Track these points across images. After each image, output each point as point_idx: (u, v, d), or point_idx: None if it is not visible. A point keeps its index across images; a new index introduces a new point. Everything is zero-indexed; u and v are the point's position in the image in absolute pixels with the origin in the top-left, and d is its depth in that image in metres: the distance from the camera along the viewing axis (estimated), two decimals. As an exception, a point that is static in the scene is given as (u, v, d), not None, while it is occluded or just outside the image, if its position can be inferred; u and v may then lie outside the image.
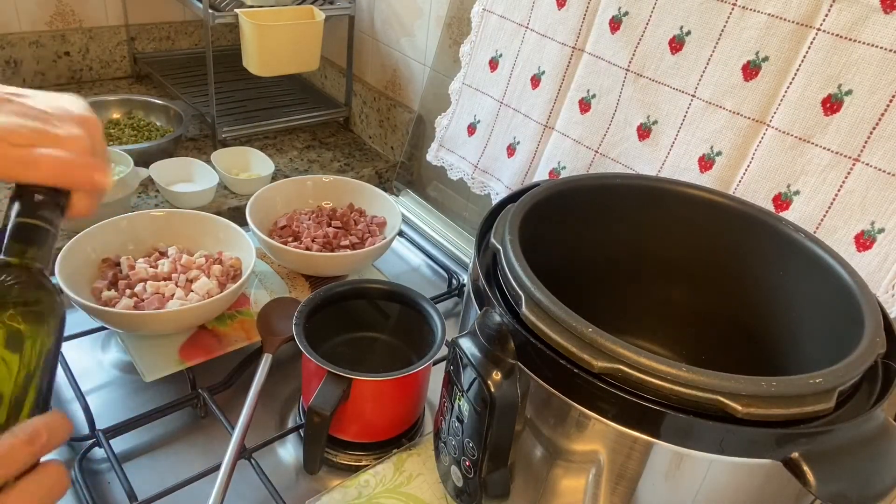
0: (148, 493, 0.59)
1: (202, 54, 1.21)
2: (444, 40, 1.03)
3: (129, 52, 1.38)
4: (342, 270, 0.87)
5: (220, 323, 0.76)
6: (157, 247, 0.81)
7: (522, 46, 0.84)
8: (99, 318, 0.70)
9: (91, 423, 0.65)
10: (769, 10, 0.61)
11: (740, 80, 0.64)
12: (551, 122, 0.82)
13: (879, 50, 0.55)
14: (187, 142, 1.18)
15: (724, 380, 0.38)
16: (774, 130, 0.62)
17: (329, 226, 0.88)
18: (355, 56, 1.24)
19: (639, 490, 0.43)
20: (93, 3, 1.30)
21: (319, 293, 0.69)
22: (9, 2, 1.22)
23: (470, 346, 0.45)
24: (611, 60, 0.75)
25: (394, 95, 1.21)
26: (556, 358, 0.41)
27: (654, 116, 0.72)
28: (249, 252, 0.78)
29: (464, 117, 0.95)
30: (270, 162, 1.07)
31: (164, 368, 0.70)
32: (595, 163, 0.79)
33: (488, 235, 0.53)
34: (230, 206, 1.02)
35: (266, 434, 0.68)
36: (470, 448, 0.48)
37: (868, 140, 0.57)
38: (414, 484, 0.62)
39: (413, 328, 0.70)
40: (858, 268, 0.51)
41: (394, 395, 0.64)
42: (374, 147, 1.26)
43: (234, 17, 1.07)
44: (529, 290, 0.44)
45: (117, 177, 0.92)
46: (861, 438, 0.40)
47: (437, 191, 1.08)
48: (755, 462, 0.40)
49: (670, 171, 0.71)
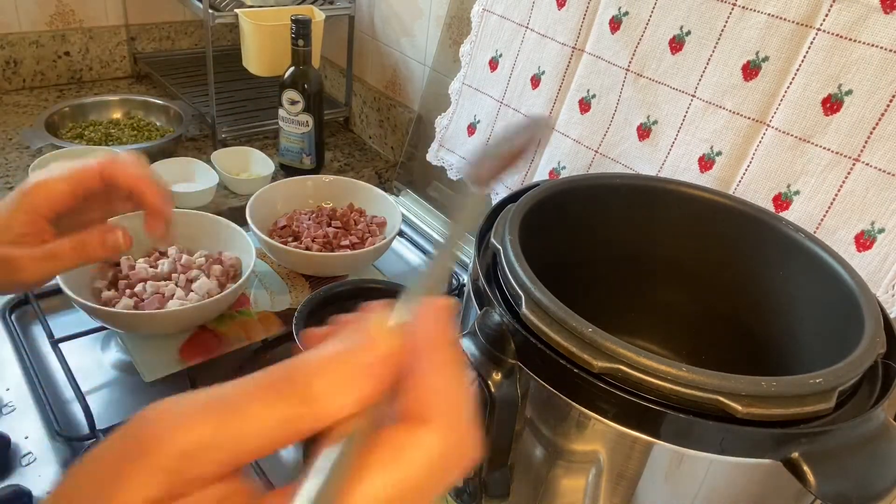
0: (148, 493, 0.58)
1: (202, 54, 1.21)
2: (444, 40, 1.03)
3: (129, 52, 1.38)
4: (342, 270, 0.87)
5: (220, 323, 0.76)
6: (157, 247, 0.81)
7: (522, 46, 0.84)
8: (99, 318, 0.70)
9: (91, 423, 0.65)
10: (769, 10, 0.61)
11: (740, 80, 0.64)
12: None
13: (879, 50, 0.55)
14: (187, 142, 1.18)
15: (724, 380, 0.38)
16: (774, 130, 0.62)
17: (329, 226, 0.88)
18: (355, 56, 1.24)
19: (639, 490, 0.43)
20: (93, 3, 1.30)
21: (319, 293, 0.69)
22: (9, 2, 1.22)
23: (470, 346, 0.45)
24: (611, 60, 0.75)
25: (394, 95, 1.21)
26: (556, 358, 0.41)
27: (654, 116, 0.72)
28: (249, 252, 0.78)
29: (464, 117, 0.95)
30: (270, 162, 1.07)
31: (164, 368, 0.70)
32: (595, 163, 0.79)
33: (488, 235, 0.53)
34: (230, 206, 1.02)
35: (266, 434, 0.67)
36: (470, 448, 0.48)
37: (868, 140, 0.57)
38: (414, 484, 0.62)
39: (413, 328, 0.70)
40: (858, 268, 0.51)
41: (394, 395, 0.64)
42: (374, 147, 1.26)
43: (234, 17, 1.07)
44: (529, 290, 0.44)
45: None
46: (861, 438, 0.40)
47: (437, 191, 1.08)
48: (755, 462, 0.40)
49: (670, 171, 0.71)
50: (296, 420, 0.22)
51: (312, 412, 0.22)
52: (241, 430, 0.21)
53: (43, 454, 0.64)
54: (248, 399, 0.22)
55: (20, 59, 1.27)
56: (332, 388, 0.22)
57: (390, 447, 0.22)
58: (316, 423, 0.22)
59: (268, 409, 0.22)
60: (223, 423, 0.21)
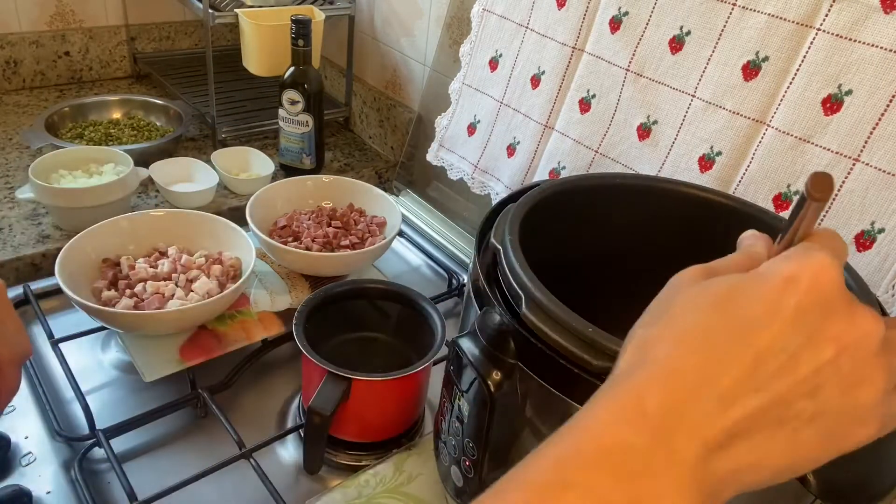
0: (148, 493, 0.59)
1: (202, 54, 1.21)
2: (444, 40, 1.03)
3: (129, 52, 1.38)
4: (342, 270, 0.87)
5: (220, 323, 0.76)
6: (157, 247, 0.81)
7: (522, 46, 0.84)
8: (99, 318, 0.70)
9: (91, 423, 0.65)
10: (769, 10, 0.61)
11: (740, 80, 0.64)
12: (551, 122, 0.82)
13: (879, 50, 0.55)
14: (187, 142, 1.18)
15: (724, 380, 0.38)
16: (774, 130, 0.62)
17: (329, 226, 0.88)
18: (355, 56, 1.24)
19: (639, 490, 0.43)
20: (93, 3, 1.30)
21: (319, 293, 0.69)
22: (9, 2, 1.22)
23: (470, 346, 0.45)
24: (611, 60, 0.75)
25: (394, 95, 1.21)
26: (556, 358, 0.41)
27: (654, 116, 0.72)
28: (249, 252, 0.78)
29: (464, 117, 0.95)
30: (270, 162, 1.07)
31: (164, 368, 0.70)
32: (595, 163, 0.79)
33: (488, 235, 0.53)
34: (230, 206, 1.02)
35: (266, 434, 0.68)
36: (470, 448, 0.48)
37: (868, 140, 0.57)
38: (414, 484, 0.62)
39: (413, 328, 0.70)
40: (858, 268, 0.51)
41: (394, 395, 0.64)
42: (374, 147, 1.26)
43: (234, 17, 1.07)
44: (529, 290, 0.44)
45: (117, 176, 0.92)
46: (861, 438, 0.40)
47: (437, 191, 1.08)
48: (755, 462, 0.39)
49: (670, 171, 0.71)
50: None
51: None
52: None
53: (43, 454, 0.64)
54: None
55: (20, 59, 1.27)
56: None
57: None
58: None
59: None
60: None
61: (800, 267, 0.27)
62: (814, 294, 0.26)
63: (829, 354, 0.26)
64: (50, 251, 0.88)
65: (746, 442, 0.27)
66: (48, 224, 0.92)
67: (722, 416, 0.26)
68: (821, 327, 0.26)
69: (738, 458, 0.27)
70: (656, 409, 0.26)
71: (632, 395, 0.27)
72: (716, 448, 0.26)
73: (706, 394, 0.26)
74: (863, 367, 0.27)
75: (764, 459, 0.27)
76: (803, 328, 0.26)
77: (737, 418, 0.26)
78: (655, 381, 0.27)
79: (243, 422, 0.69)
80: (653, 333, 0.30)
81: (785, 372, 0.26)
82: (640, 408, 0.27)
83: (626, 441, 0.26)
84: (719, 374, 0.26)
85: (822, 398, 0.26)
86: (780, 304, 0.26)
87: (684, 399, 0.27)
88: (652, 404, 0.27)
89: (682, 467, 0.26)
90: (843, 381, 0.26)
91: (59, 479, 0.62)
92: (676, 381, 0.27)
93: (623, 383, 0.28)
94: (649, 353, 0.29)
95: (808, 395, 0.26)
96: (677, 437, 0.26)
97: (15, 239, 0.89)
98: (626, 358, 0.30)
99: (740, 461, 0.27)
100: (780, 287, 0.27)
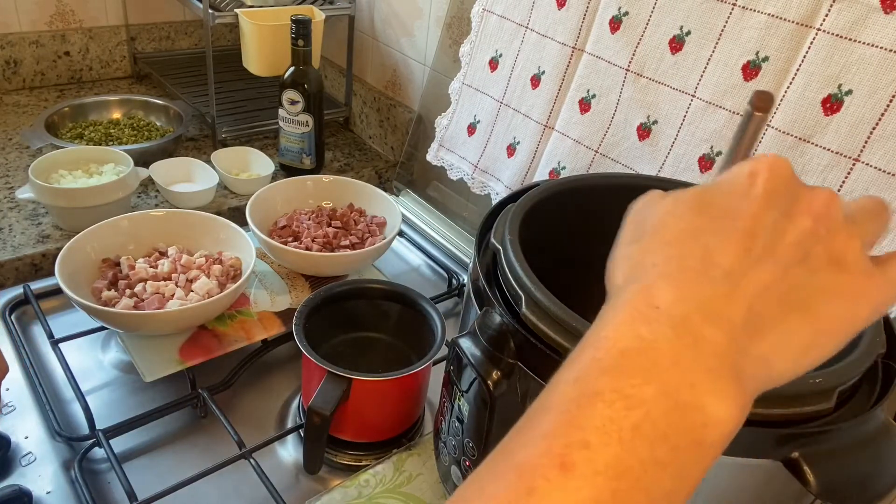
0: (148, 493, 0.59)
1: (202, 54, 1.21)
2: (444, 40, 1.03)
3: (129, 52, 1.38)
4: (342, 270, 0.87)
5: (220, 323, 0.76)
6: (157, 247, 0.81)
7: (522, 46, 0.84)
8: (99, 318, 0.70)
9: (91, 423, 0.65)
10: (769, 10, 0.61)
11: (740, 80, 0.64)
12: (551, 122, 0.82)
13: (879, 50, 0.55)
14: (187, 142, 1.18)
15: (724, 380, 0.38)
16: (774, 130, 0.62)
17: (329, 226, 0.88)
18: (355, 56, 1.24)
19: (639, 490, 0.43)
20: (93, 3, 1.30)
21: (319, 293, 0.69)
22: (9, 2, 1.22)
23: (470, 346, 0.45)
24: (611, 60, 0.75)
25: (394, 95, 1.21)
26: (555, 358, 0.41)
27: (654, 116, 0.72)
28: (249, 252, 0.78)
29: (464, 117, 0.95)
30: (270, 162, 1.07)
31: (164, 368, 0.70)
32: (595, 163, 0.79)
33: (488, 235, 0.53)
34: (230, 206, 1.02)
35: (266, 434, 0.68)
36: (470, 448, 0.48)
37: (868, 140, 0.57)
38: (414, 484, 0.62)
39: (413, 328, 0.70)
40: (858, 268, 0.51)
41: (394, 395, 0.64)
42: (374, 147, 1.26)
43: (234, 17, 1.07)
44: (529, 290, 0.44)
45: (117, 176, 0.92)
46: (861, 438, 0.40)
47: (437, 191, 1.08)
48: (755, 462, 0.39)
49: (670, 171, 0.71)
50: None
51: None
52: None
53: (43, 454, 0.64)
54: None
55: (20, 59, 1.27)
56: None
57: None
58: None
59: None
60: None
61: (756, 163, 0.29)
62: (776, 179, 0.29)
63: (807, 223, 0.28)
64: (50, 251, 0.88)
65: (766, 321, 0.27)
66: (48, 224, 0.92)
67: (735, 293, 0.27)
68: (791, 202, 0.29)
69: (762, 341, 0.27)
70: (671, 302, 0.27)
71: (640, 298, 0.27)
72: (740, 331, 0.27)
73: (714, 275, 0.27)
74: (838, 231, 0.29)
75: (785, 340, 0.27)
76: (777, 205, 0.28)
77: (749, 295, 0.27)
78: (660, 279, 0.28)
79: (243, 422, 0.69)
80: (639, 248, 0.31)
81: (776, 240, 0.28)
82: (653, 305, 0.27)
83: (647, 338, 0.26)
84: (719, 257, 0.27)
85: (814, 264, 0.28)
86: (750, 191, 0.29)
87: (694, 286, 0.27)
88: (664, 299, 0.27)
89: (711, 354, 0.26)
90: (827, 246, 0.28)
91: (59, 480, 0.62)
92: (682, 273, 0.28)
93: (625, 294, 0.28)
94: (643, 264, 0.29)
95: (801, 261, 0.28)
96: (699, 324, 0.26)
97: (15, 239, 0.89)
98: (618, 276, 0.31)
99: (764, 344, 0.27)
100: (745, 181, 0.29)
